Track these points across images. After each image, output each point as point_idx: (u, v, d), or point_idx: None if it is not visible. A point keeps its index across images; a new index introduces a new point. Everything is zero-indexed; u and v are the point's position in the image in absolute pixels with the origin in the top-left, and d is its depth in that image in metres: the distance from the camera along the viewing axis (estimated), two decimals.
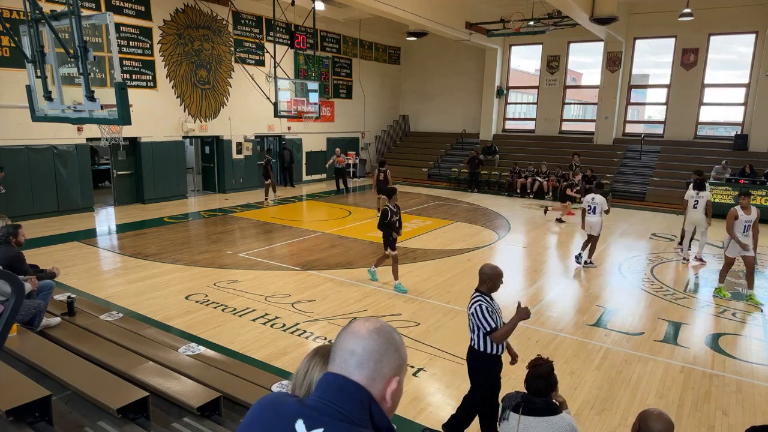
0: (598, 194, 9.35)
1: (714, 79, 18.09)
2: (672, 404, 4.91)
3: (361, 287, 8.04)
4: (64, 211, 12.90)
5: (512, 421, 2.92)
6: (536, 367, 3.03)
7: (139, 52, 14.06)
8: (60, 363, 4.01)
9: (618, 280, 8.92)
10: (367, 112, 22.66)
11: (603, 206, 9.21)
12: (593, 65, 20.35)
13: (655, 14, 17.92)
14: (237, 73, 16.43)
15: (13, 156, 11.93)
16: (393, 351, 1.25)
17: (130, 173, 14.79)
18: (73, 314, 5.36)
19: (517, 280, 9.10)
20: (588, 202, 9.35)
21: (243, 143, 17.37)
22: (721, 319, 7.13)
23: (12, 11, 11.27)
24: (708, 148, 17.77)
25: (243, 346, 5.92)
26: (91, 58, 4.86)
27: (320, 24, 17.70)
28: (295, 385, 1.43)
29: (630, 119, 20.36)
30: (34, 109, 5.70)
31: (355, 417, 1.17)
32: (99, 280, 8.22)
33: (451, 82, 22.84)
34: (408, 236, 11.51)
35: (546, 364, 3.04)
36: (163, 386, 3.82)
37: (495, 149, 20.42)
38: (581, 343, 6.24)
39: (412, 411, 4.66)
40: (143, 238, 10.94)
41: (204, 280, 8.23)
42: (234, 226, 12.41)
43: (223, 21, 16.05)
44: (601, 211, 9.23)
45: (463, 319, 6.84)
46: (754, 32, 17.03)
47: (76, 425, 3.50)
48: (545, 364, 3.05)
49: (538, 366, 3.03)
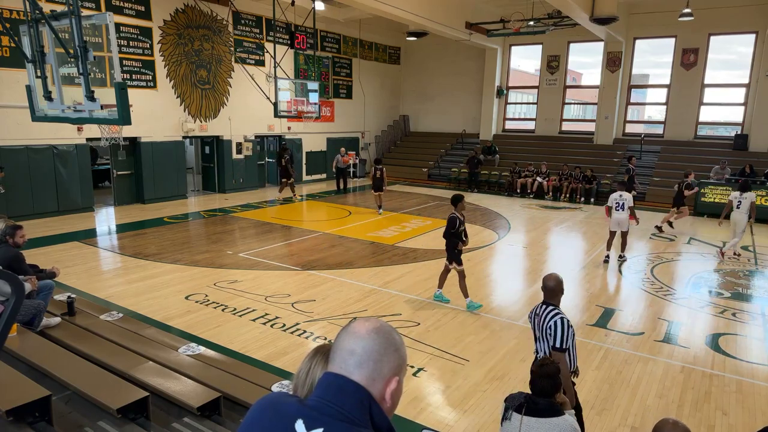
0: (624, 191, 9.56)
1: (714, 79, 18.09)
2: (672, 404, 4.91)
3: (361, 287, 8.04)
4: (64, 211, 12.90)
5: (514, 421, 2.91)
6: (543, 366, 3.00)
7: (139, 52, 14.06)
8: (60, 363, 4.01)
9: (618, 280, 8.92)
10: (367, 112, 22.66)
11: (630, 203, 9.45)
12: (593, 65, 20.36)
13: (655, 14, 17.92)
14: (237, 73, 16.43)
15: (13, 156, 11.93)
16: (393, 351, 1.25)
17: (130, 173, 14.79)
18: (73, 314, 5.37)
19: (517, 280, 9.10)
20: (616, 199, 9.53)
21: (243, 143, 17.37)
22: (721, 319, 7.13)
23: (12, 11, 11.27)
24: (708, 148, 17.77)
25: (243, 346, 5.92)
26: (91, 58, 4.86)
27: (320, 24, 17.70)
28: (297, 384, 1.43)
29: (630, 119, 20.36)
30: (34, 109, 5.70)
31: (355, 417, 1.17)
32: (99, 280, 8.22)
33: (451, 82, 22.83)
34: (408, 236, 11.51)
35: (552, 365, 3.02)
36: (163, 386, 3.82)
37: (495, 149, 20.42)
38: (581, 343, 6.22)
39: (412, 411, 4.66)
40: (143, 238, 10.94)
41: (204, 280, 8.23)
42: (234, 226, 12.41)
43: (223, 21, 16.05)
44: (627, 208, 9.45)
45: (464, 319, 6.88)
46: (754, 32, 17.03)
47: (76, 425, 3.50)
48: (551, 364, 3.02)
49: (544, 366, 3.00)
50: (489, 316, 7.06)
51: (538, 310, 3.96)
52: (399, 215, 13.99)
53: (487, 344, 6.14)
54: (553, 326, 3.71)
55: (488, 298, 7.96)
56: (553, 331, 3.71)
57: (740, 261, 10.08)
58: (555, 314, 3.77)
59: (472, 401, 4.89)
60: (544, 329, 3.80)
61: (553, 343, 3.68)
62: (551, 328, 3.72)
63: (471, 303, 7.19)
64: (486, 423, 4.53)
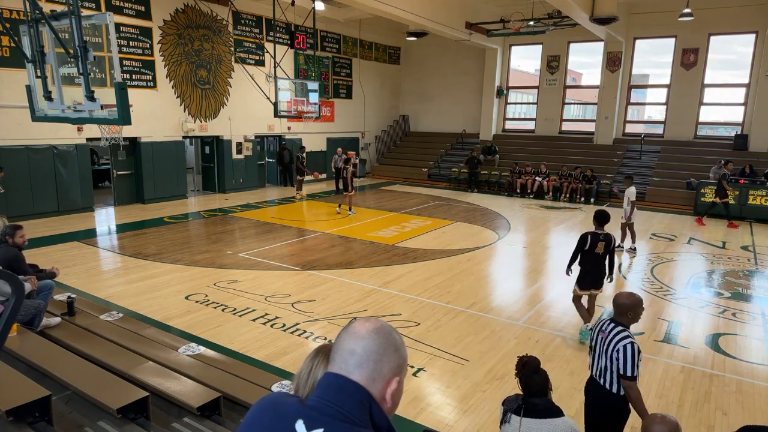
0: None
1: (714, 79, 18.09)
2: (672, 404, 4.91)
3: (361, 287, 8.04)
4: (64, 211, 12.90)
5: (513, 423, 2.91)
6: (526, 365, 2.99)
7: (139, 52, 14.06)
8: (60, 363, 4.01)
9: (618, 280, 8.92)
10: (367, 112, 22.66)
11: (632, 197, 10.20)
12: (593, 65, 20.36)
13: (655, 14, 17.92)
14: (237, 73, 16.43)
15: (13, 156, 11.93)
16: (393, 351, 1.25)
17: (130, 173, 14.79)
18: (73, 314, 5.36)
19: (517, 280, 9.10)
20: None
21: (243, 143, 17.37)
22: (721, 319, 7.13)
23: (12, 11, 11.27)
24: (708, 148, 17.77)
25: (243, 346, 5.92)
26: (91, 58, 4.86)
27: (320, 24, 17.70)
28: (298, 385, 1.43)
29: (630, 119, 20.36)
30: (34, 109, 5.70)
31: (355, 417, 1.17)
32: (99, 280, 8.22)
33: (451, 82, 22.84)
34: (408, 236, 11.51)
35: (533, 359, 3.02)
36: (163, 386, 3.82)
37: (495, 149, 20.42)
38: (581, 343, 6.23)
39: (412, 411, 4.66)
40: (143, 238, 10.94)
41: (204, 280, 8.23)
42: (234, 226, 12.42)
43: (223, 21, 16.05)
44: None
45: (464, 319, 6.88)
46: (754, 32, 17.03)
47: (76, 425, 3.50)
48: (530, 359, 3.03)
49: (527, 364, 3.00)
50: (489, 316, 7.06)
51: (604, 326, 3.66)
52: (399, 215, 13.99)
53: (487, 344, 6.14)
54: (622, 351, 3.42)
55: (488, 298, 7.96)
56: (622, 357, 3.42)
57: (740, 261, 10.08)
58: (624, 338, 3.47)
59: (472, 401, 4.89)
60: (609, 351, 3.50)
61: (623, 372, 3.42)
62: (619, 353, 3.43)
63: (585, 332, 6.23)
64: (486, 423, 4.53)
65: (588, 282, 6.27)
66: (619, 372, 3.44)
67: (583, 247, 6.15)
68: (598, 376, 3.64)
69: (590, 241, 6.11)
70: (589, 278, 6.26)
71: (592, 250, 6.13)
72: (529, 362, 3.01)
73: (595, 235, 6.12)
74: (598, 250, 6.11)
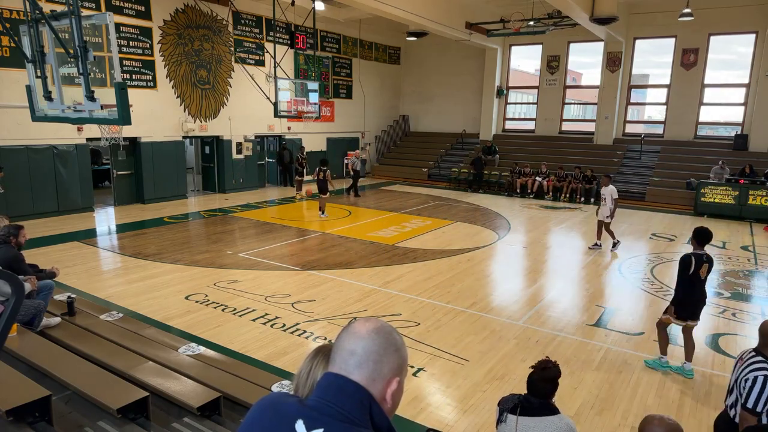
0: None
1: (714, 79, 18.09)
2: (672, 404, 4.91)
3: (361, 287, 8.04)
4: (64, 211, 12.90)
5: (510, 422, 2.91)
6: (545, 370, 2.94)
7: (139, 52, 14.06)
8: (60, 363, 4.01)
9: (618, 280, 8.92)
10: (367, 112, 22.66)
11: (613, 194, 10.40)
12: (593, 65, 20.36)
13: (655, 14, 17.92)
14: (237, 73, 16.43)
15: (13, 156, 11.93)
16: (393, 351, 1.25)
17: (130, 173, 14.79)
18: (73, 314, 5.36)
19: (517, 280, 9.10)
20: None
21: (243, 143, 17.37)
22: (721, 319, 7.13)
23: (12, 11, 11.27)
24: (708, 148, 17.77)
25: (243, 346, 5.92)
26: (91, 58, 4.86)
27: (320, 24, 17.70)
28: (298, 385, 1.43)
29: (630, 119, 20.36)
30: (34, 109, 5.70)
31: (355, 417, 1.17)
32: (99, 280, 8.22)
33: (451, 82, 22.84)
34: (408, 236, 11.51)
35: (555, 369, 2.97)
36: (163, 386, 3.82)
37: (495, 149, 20.43)
38: (581, 343, 6.24)
39: (412, 411, 4.66)
40: (143, 238, 10.94)
41: (204, 280, 8.23)
42: (234, 226, 12.41)
43: (223, 21, 16.05)
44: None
45: (464, 319, 6.88)
46: (754, 32, 17.03)
47: (76, 425, 3.50)
48: (554, 367, 2.97)
49: (546, 369, 2.95)
50: (489, 316, 7.06)
51: (744, 355, 3.17)
52: (399, 215, 13.99)
53: (487, 344, 6.14)
54: (751, 380, 2.93)
55: (488, 298, 7.96)
56: (749, 386, 2.94)
57: (740, 261, 10.08)
58: (758, 367, 2.96)
59: (472, 401, 4.89)
60: (739, 379, 3.06)
61: (745, 401, 2.94)
62: (747, 381, 2.95)
63: (688, 370, 5.48)
64: (486, 423, 4.53)
65: (689, 311, 5.43)
66: (741, 401, 3.00)
67: (687, 271, 5.38)
68: (729, 408, 3.22)
69: (695, 263, 5.35)
70: (690, 307, 5.44)
71: (696, 273, 5.37)
72: (549, 369, 2.95)
73: (698, 257, 5.37)
74: (701, 272, 5.38)
